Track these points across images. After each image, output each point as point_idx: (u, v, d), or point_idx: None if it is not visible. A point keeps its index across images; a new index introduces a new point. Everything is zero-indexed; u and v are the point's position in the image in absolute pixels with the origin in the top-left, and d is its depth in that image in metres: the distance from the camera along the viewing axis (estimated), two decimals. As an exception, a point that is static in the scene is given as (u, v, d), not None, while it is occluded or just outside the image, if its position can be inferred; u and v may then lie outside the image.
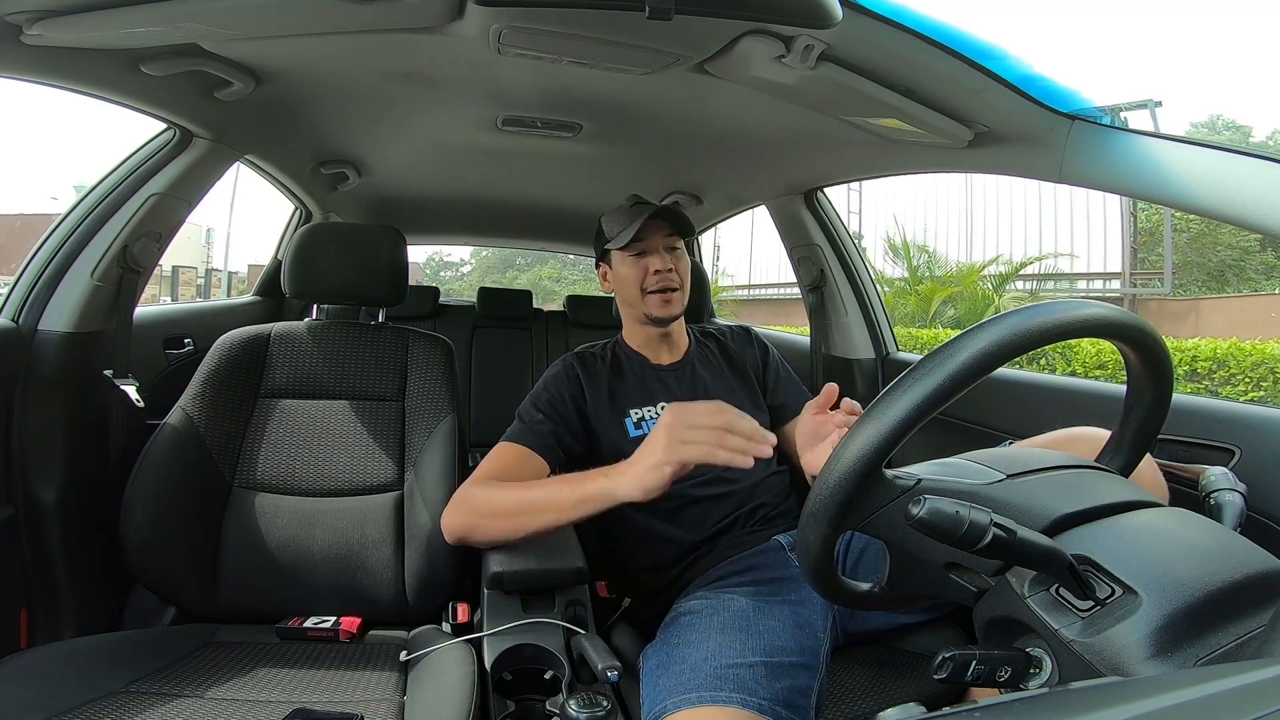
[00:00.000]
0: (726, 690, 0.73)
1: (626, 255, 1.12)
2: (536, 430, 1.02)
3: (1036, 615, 0.51)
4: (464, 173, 1.78)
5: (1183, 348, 6.43)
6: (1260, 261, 11.64)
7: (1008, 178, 1.23)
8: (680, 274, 1.12)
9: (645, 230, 1.09)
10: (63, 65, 0.90)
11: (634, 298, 1.13)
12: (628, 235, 1.09)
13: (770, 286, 13.76)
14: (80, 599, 1.12)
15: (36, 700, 0.78)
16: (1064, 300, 0.58)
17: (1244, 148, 0.75)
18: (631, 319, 1.18)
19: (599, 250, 1.19)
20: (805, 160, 1.43)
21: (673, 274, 1.11)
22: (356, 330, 1.23)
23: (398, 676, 0.94)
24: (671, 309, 1.11)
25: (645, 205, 1.13)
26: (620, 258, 1.13)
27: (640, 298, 1.11)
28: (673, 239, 1.12)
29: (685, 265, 1.14)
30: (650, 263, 1.10)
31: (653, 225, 1.10)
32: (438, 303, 2.60)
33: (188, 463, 1.07)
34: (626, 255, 1.12)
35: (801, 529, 0.58)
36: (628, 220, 1.11)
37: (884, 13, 0.75)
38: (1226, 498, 0.65)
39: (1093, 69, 39.94)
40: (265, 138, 1.37)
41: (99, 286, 1.14)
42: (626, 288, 1.13)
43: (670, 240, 1.12)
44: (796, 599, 0.90)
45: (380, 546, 1.10)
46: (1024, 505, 0.56)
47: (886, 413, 0.53)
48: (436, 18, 0.83)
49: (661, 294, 1.10)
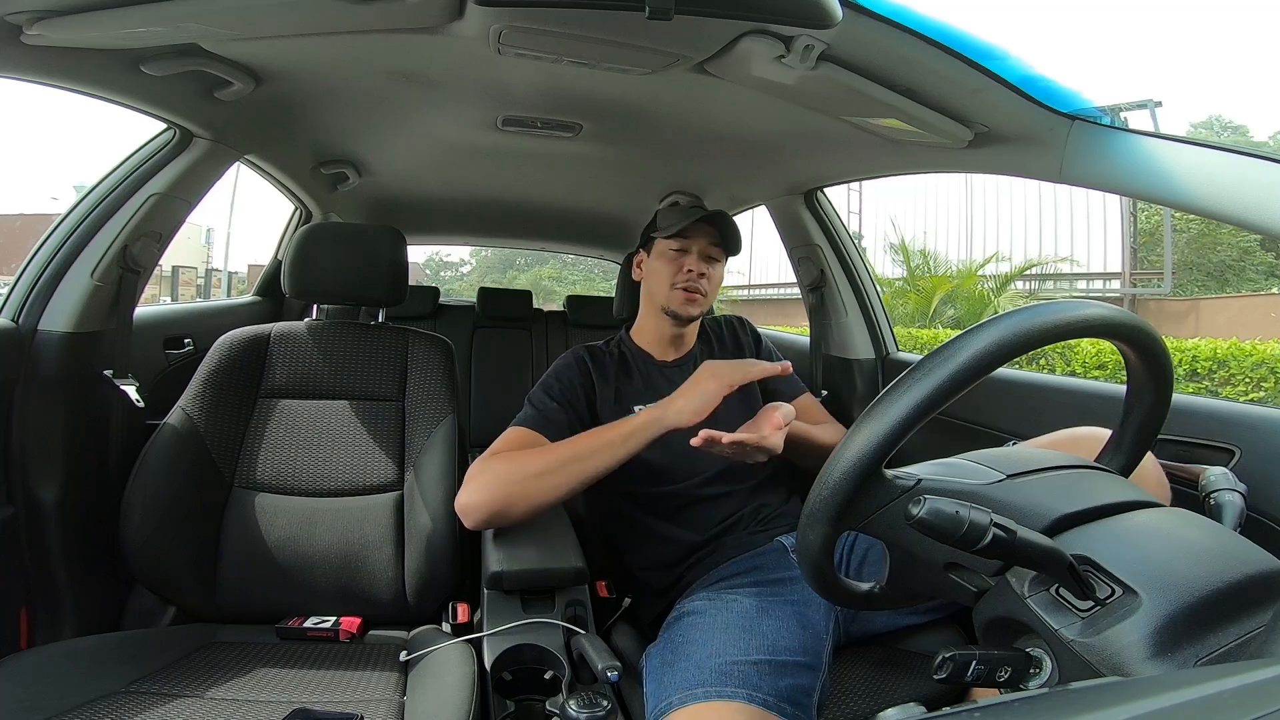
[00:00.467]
0: (732, 686, 0.73)
1: (668, 247, 1.13)
2: (551, 418, 1.03)
3: (1036, 615, 0.51)
4: (464, 173, 1.78)
5: (1183, 348, 6.43)
6: (1260, 261, 11.64)
7: (1007, 178, 1.23)
8: (711, 283, 1.14)
9: (694, 230, 1.11)
10: (63, 65, 0.90)
11: (661, 289, 1.14)
12: (676, 226, 1.11)
13: (770, 286, 13.77)
14: (80, 599, 1.12)
15: (36, 700, 0.78)
16: (1064, 300, 0.58)
17: (1244, 148, 0.75)
18: (650, 311, 1.18)
19: (644, 238, 1.21)
20: (805, 160, 1.43)
21: (704, 279, 1.12)
22: (356, 330, 1.23)
23: (398, 676, 0.94)
24: (692, 309, 1.13)
25: (703, 209, 1.15)
26: (660, 249, 1.14)
27: (668, 290, 1.13)
28: (715, 249, 1.14)
29: (717, 279, 1.16)
30: (687, 261, 1.12)
31: (702, 229, 1.12)
32: (438, 303, 2.60)
33: (188, 463, 1.07)
34: (668, 247, 1.13)
35: (801, 529, 0.58)
36: (684, 217, 1.12)
37: (884, 13, 0.75)
38: (1226, 498, 0.65)
39: (1093, 69, 39.95)
40: (265, 138, 1.37)
41: (99, 286, 1.14)
42: (657, 278, 1.14)
43: (713, 250, 1.14)
44: (799, 599, 0.90)
45: (380, 547, 1.10)
46: (1024, 505, 0.56)
47: (886, 413, 0.53)
48: (436, 18, 0.83)
49: (688, 292, 1.12)
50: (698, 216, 1.10)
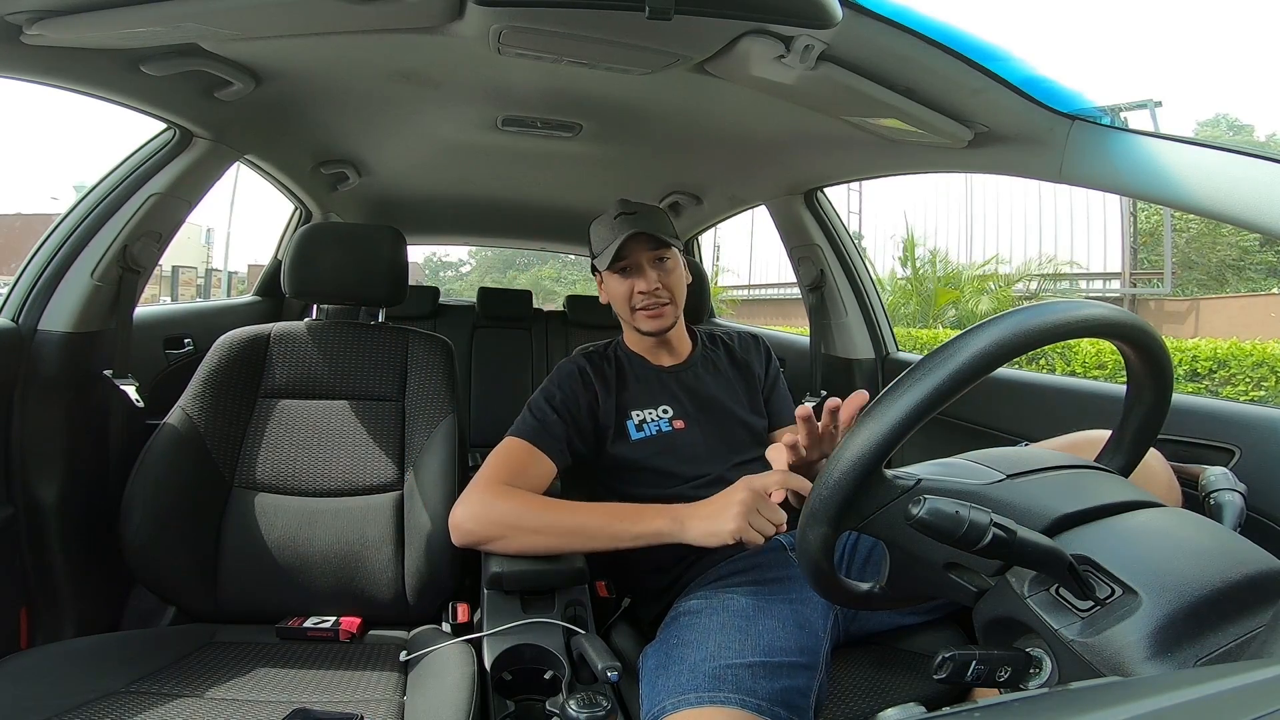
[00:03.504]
0: (725, 691, 0.73)
1: (611, 273, 1.09)
2: (551, 431, 1.01)
3: (1036, 615, 0.51)
4: (464, 173, 1.78)
5: (1183, 348, 6.43)
6: (1260, 261, 11.64)
7: (1008, 178, 1.23)
8: (670, 287, 1.08)
9: (627, 248, 1.05)
10: (63, 65, 0.90)
11: (624, 312, 1.11)
12: (608, 255, 1.05)
13: (770, 286, 13.77)
14: (80, 599, 1.12)
15: (36, 700, 0.78)
16: (1064, 300, 0.58)
17: (1244, 147, 0.75)
18: (627, 328, 1.17)
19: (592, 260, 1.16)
20: (805, 160, 1.43)
21: (660, 290, 1.06)
22: (356, 330, 1.23)
23: (398, 676, 0.94)
24: (662, 323, 1.08)
25: (629, 216, 1.07)
26: (608, 274, 1.10)
27: (630, 314, 1.10)
28: (659, 251, 1.07)
29: (677, 277, 1.09)
30: (636, 283, 1.06)
31: (636, 242, 1.05)
32: (437, 303, 2.60)
33: (187, 463, 1.07)
34: (611, 273, 1.09)
35: (801, 529, 0.58)
36: (611, 234, 1.06)
37: (884, 13, 0.75)
38: (1226, 498, 0.65)
39: (1097, 69, 39.92)
40: (265, 138, 1.37)
41: (99, 286, 1.14)
42: (617, 303, 1.11)
43: (657, 253, 1.07)
44: (797, 598, 0.90)
45: (380, 547, 1.09)
46: (1024, 505, 0.56)
47: (886, 413, 0.53)
48: (436, 18, 0.83)
49: (648, 310, 1.08)
50: (623, 236, 1.03)
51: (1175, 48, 45.95)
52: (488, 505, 0.94)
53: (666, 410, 1.08)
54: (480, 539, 0.94)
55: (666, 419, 1.08)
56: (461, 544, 0.96)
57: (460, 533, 0.95)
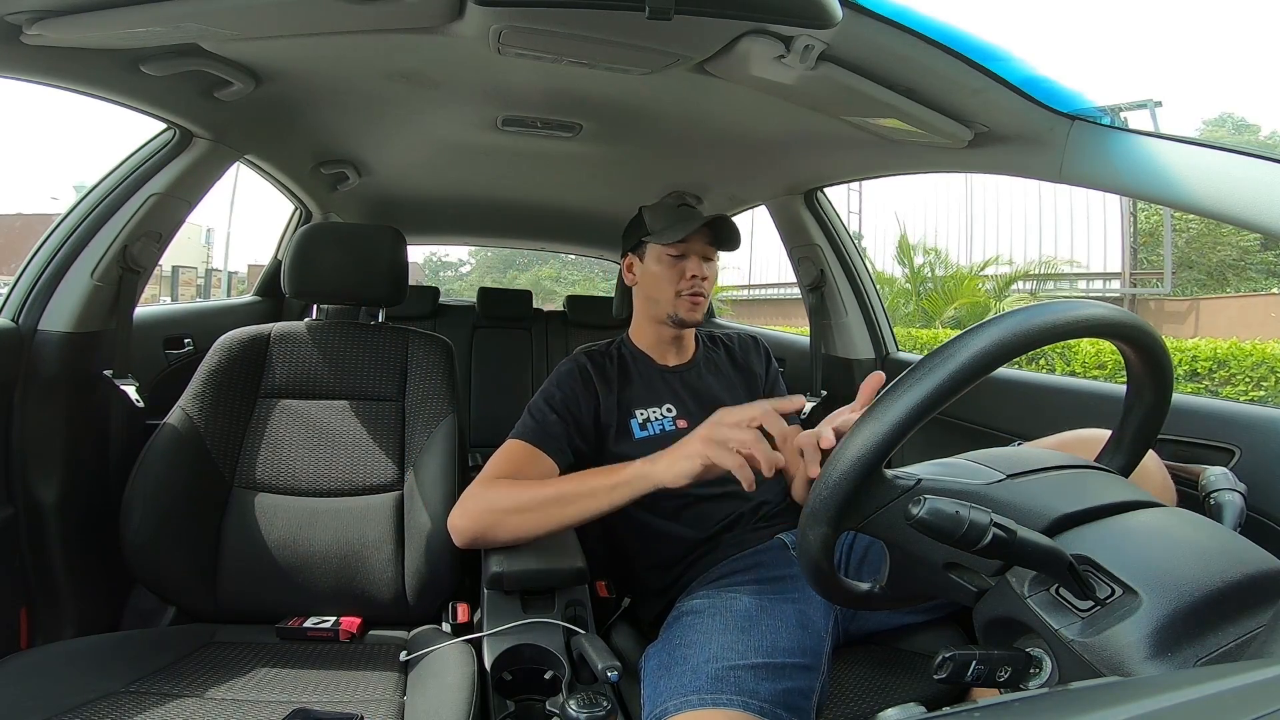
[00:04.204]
0: (728, 693, 0.73)
1: (665, 253, 1.11)
2: (550, 431, 1.02)
3: (1036, 615, 0.51)
4: (464, 173, 1.78)
5: (1183, 348, 6.43)
6: (1260, 261, 11.64)
7: (1008, 178, 1.23)
8: (709, 283, 1.13)
9: (692, 235, 1.09)
10: (63, 65, 0.90)
11: (664, 296, 1.12)
12: (677, 235, 1.08)
13: (770, 286, 13.77)
14: (80, 599, 1.12)
15: (36, 700, 0.78)
16: (1064, 300, 0.58)
17: (1244, 148, 0.75)
18: (649, 317, 1.16)
19: (633, 241, 1.17)
20: (805, 160, 1.43)
21: (706, 282, 1.11)
22: (356, 330, 1.23)
23: (398, 677, 0.94)
24: (697, 314, 1.12)
25: (692, 209, 1.13)
26: (657, 254, 1.12)
27: (672, 298, 1.11)
28: (710, 249, 1.13)
29: (714, 280, 1.15)
30: (689, 267, 1.10)
31: (701, 231, 1.10)
32: (437, 303, 2.60)
33: (187, 463, 1.07)
34: (665, 253, 1.11)
35: (801, 529, 0.58)
36: (675, 219, 1.10)
37: (884, 13, 0.75)
38: (1226, 498, 0.65)
39: (1100, 68, 39.90)
40: (265, 138, 1.37)
41: (99, 286, 1.14)
42: (658, 285, 1.12)
43: (709, 250, 1.12)
44: (799, 597, 0.90)
45: (380, 547, 1.10)
46: (1024, 505, 0.56)
47: (886, 413, 0.53)
48: (436, 18, 0.83)
49: (693, 298, 1.11)
50: (700, 224, 1.08)
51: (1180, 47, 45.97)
52: (475, 499, 0.95)
53: (670, 409, 1.09)
54: (475, 533, 0.94)
55: (670, 418, 1.08)
56: (462, 544, 0.96)
57: (457, 532, 0.95)
